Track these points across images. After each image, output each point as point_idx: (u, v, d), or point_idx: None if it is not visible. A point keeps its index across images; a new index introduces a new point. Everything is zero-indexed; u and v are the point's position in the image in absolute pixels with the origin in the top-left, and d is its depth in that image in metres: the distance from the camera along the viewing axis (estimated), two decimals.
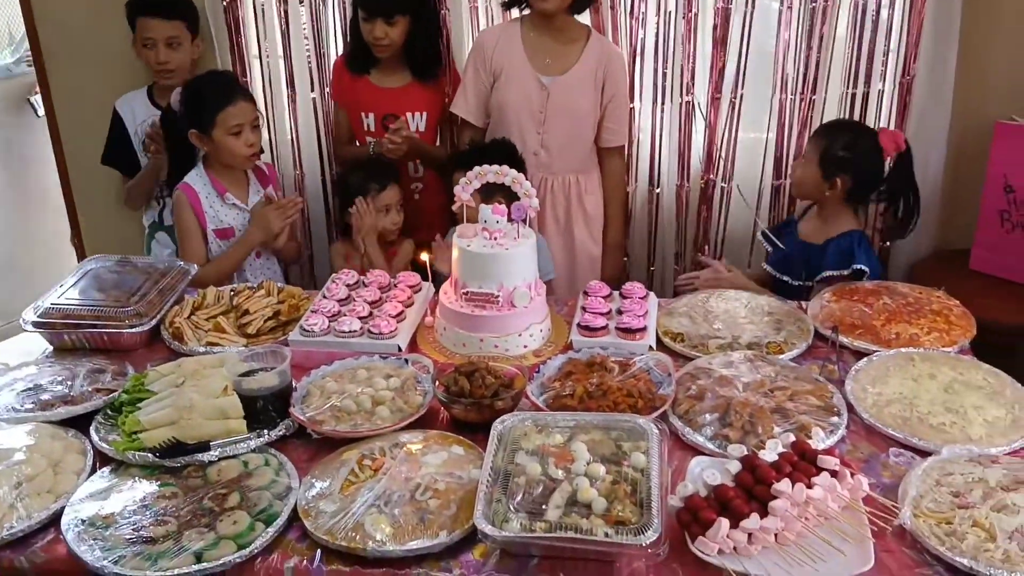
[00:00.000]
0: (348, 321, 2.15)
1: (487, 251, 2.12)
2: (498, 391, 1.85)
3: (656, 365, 1.97)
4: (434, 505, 1.56)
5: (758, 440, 1.68)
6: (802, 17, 2.92)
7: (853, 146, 2.56)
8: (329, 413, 1.83)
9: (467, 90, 2.92)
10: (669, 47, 3.01)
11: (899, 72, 2.96)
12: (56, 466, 1.71)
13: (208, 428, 1.76)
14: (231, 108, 2.63)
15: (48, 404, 1.89)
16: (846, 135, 2.60)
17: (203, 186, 2.73)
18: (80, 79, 3.31)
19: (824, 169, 2.56)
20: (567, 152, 2.91)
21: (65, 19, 3.26)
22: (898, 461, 1.70)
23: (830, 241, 2.57)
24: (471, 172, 2.20)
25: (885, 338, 2.08)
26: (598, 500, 1.49)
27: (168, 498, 1.62)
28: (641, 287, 2.29)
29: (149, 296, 2.30)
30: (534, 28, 2.85)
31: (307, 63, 3.16)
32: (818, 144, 2.59)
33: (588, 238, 3.00)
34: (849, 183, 2.55)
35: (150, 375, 1.98)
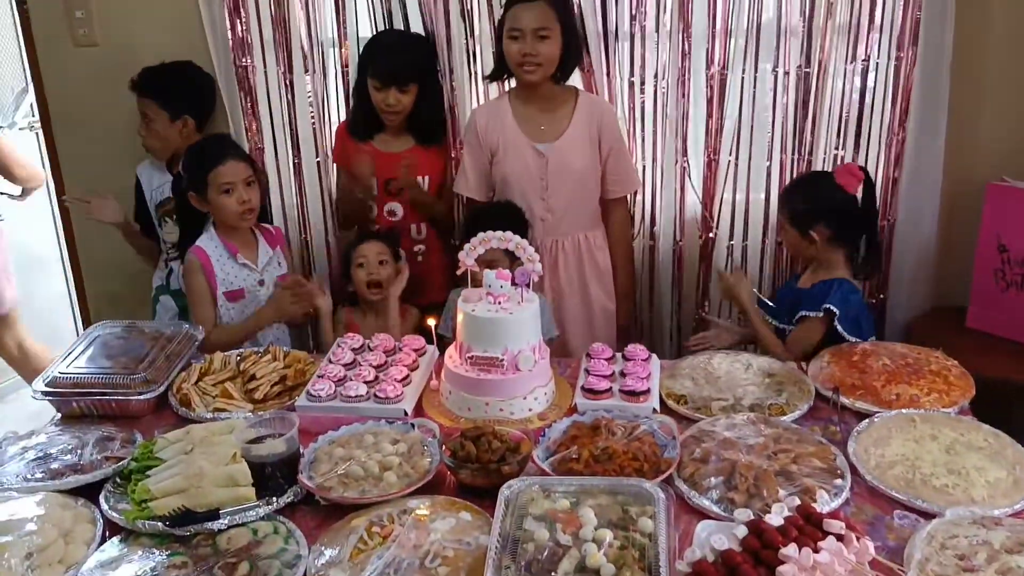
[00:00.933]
0: (354, 386, 2.17)
1: (491, 315, 2.15)
2: (504, 456, 1.87)
3: (660, 428, 1.99)
4: (444, 573, 1.56)
5: (763, 503, 1.70)
6: (797, 81, 3.00)
7: (812, 196, 2.63)
8: (337, 479, 1.85)
9: (467, 169, 2.98)
10: (665, 111, 3.07)
11: (890, 134, 3.03)
12: (67, 536, 1.71)
13: (218, 496, 1.77)
14: (221, 167, 2.69)
15: (58, 473, 1.91)
16: (801, 189, 2.71)
17: (214, 248, 2.77)
18: (88, 148, 3.37)
19: (799, 229, 2.61)
20: (573, 212, 2.96)
21: (73, 86, 3.33)
22: (902, 523, 1.71)
23: (815, 285, 2.61)
24: (475, 238, 2.25)
25: (886, 399, 2.10)
26: (607, 566, 1.50)
27: (178, 567, 1.63)
28: (644, 349, 2.32)
29: (157, 363, 2.33)
30: (522, 100, 2.92)
31: (311, 130, 3.22)
32: (783, 209, 2.68)
33: (602, 293, 3.03)
34: (827, 230, 2.57)
35: (159, 442, 2.00)
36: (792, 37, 2.96)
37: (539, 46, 2.73)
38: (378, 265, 2.84)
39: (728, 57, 3.00)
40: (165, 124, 3.10)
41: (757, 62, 3.00)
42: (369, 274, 2.83)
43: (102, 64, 3.27)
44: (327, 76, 3.20)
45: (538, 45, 2.73)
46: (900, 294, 3.19)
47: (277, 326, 2.84)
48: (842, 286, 2.55)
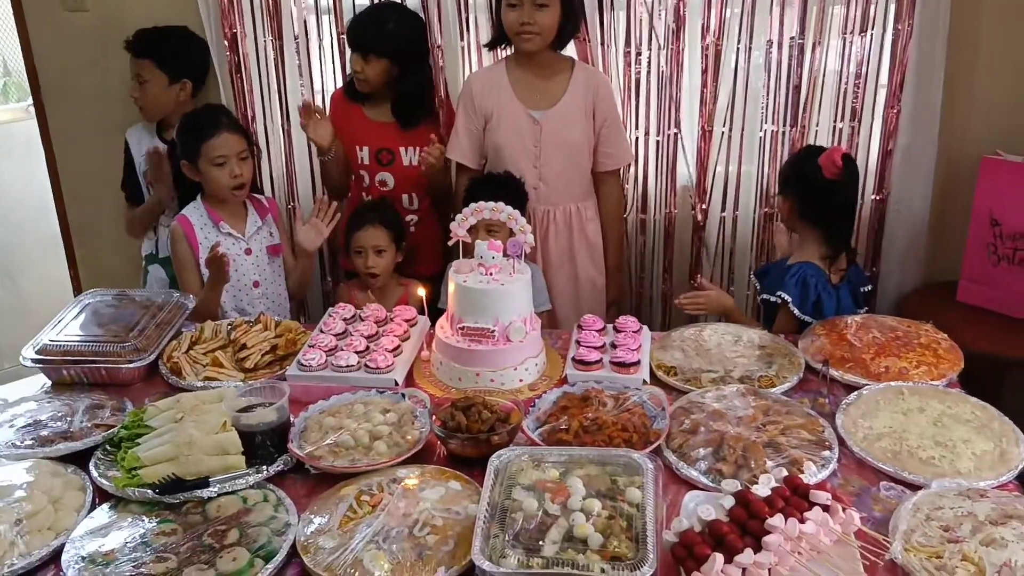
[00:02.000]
0: (345, 356, 2.17)
1: (483, 286, 2.15)
2: (494, 426, 1.87)
3: (650, 399, 1.99)
4: (432, 541, 1.57)
5: (751, 474, 1.71)
6: (792, 53, 2.98)
7: (797, 166, 2.66)
8: (327, 448, 1.85)
9: (460, 135, 2.96)
10: (660, 81, 3.06)
11: (885, 107, 3.02)
12: (56, 502, 1.72)
13: (207, 464, 1.77)
14: (215, 140, 2.69)
15: (48, 440, 1.91)
16: (797, 156, 2.74)
17: (199, 217, 2.77)
18: (78, 114, 3.35)
19: (779, 190, 2.70)
20: (565, 182, 2.95)
21: (64, 55, 3.31)
22: (889, 495, 1.72)
23: (780, 265, 2.64)
24: (467, 209, 2.24)
25: (875, 372, 2.11)
26: (594, 535, 1.51)
27: (168, 535, 1.63)
28: (635, 321, 2.33)
29: (147, 331, 2.32)
30: (519, 66, 2.90)
31: (301, 97, 3.20)
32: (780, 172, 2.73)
33: (591, 266, 3.03)
34: (792, 202, 2.61)
35: (149, 411, 2.00)
36: (788, 8, 2.94)
37: (537, 15, 2.71)
38: (375, 255, 2.83)
39: (724, 28, 2.98)
40: (162, 86, 3.08)
41: (752, 33, 2.99)
42: (367, 266, 2.83)
43: (92, 29, 3.24)
44: (322, 44, 3.16)
45: (536, 14, 2.71)
46: (892, 268, 3.19)
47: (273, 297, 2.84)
48: (802, 270, 2.54)
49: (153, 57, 3.05)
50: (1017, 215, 2.87)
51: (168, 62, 3.07)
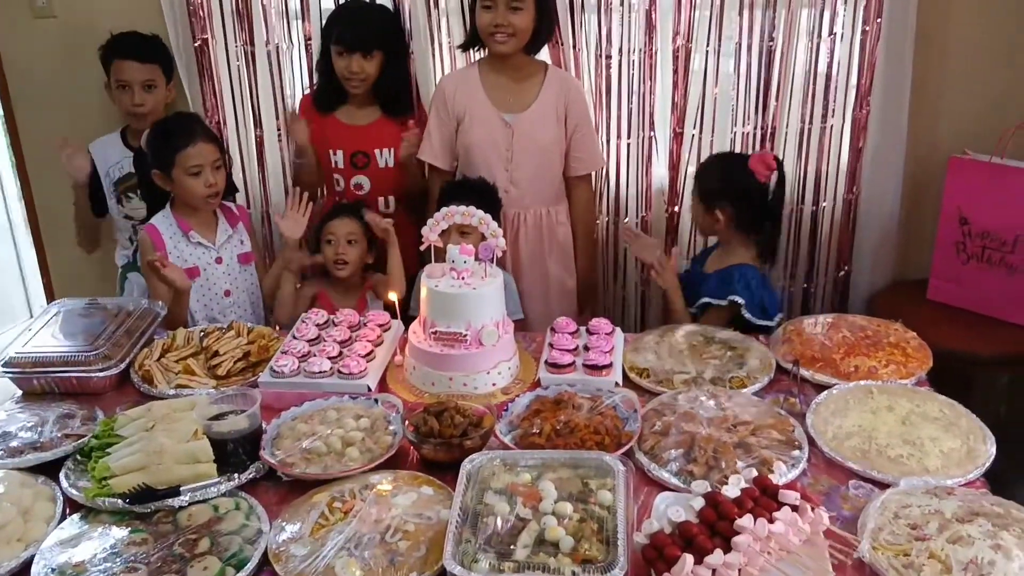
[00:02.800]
0: (318, 362, 2.17)
1: (455, 291, 2.15)
2: (467, 430, 1.88)
3: (622, 402, 2.00)
4: (404, 547, 1.57)
5: (722, 475, 1.72)
6: (761, 54, 3.00)
7: (726, 176, 2.66)
8: (299, 455, 1.85)
9: (432, 136, 2.96)
10: (632, 84, 3.07)
11: (854, 108, 3.05)
12: (26, 513, 1.71)
13: (178, 472, 1.77)
14: (190, 149, 2.65)
15: (17, 451, 1.89)
16: (718, 166, 2.72)
17: (168, 226, 2.74)
18: (49, 121, 3.32)
19: (705, 204, 2.65)
20: (536, 186, 2.96)
21: (34, 63, 3.28)
22: (857, 493, 1.74)
23: (718, 271, 2.64)
24: (438, 213, 2.25)
25: (844, 371, 2.13)
26: (565, 539, 1.51)
27: (139, 544, 1.62)
28: (608, 323, 2.33)
29: (115, 338, 2.30)
30: (492, 69, 2.91)
31: (272, 104, 3.19)
32: (697, 181, 2.69)
33: (562, 270, 3.04)
34: (730, 212, 2.62)
35: (120, 420, 1.99)
36: (756, 10, 2.97)
37: (511, 17, 2.72)
38: (347, 244, 2.81)
39: (693, 31, 3.00)
40: (162, 91, 3.08)
41: (721, 35, 3.01)
42: (337, 253, 2.80)
43: (61, 36, 3.22)
44: (291, 49, 3.16)
45: (510, 16, 2.72)
46: (863, 267, 3.23)
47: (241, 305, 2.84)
48: (744, 273, 2.57)
49: (159, 61, 3.05)
50: (985, 214, 2.91)
51: (167, 67, 3.08)
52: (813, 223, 3.22)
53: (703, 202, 2.66)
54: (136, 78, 3.02)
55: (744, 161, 2.62)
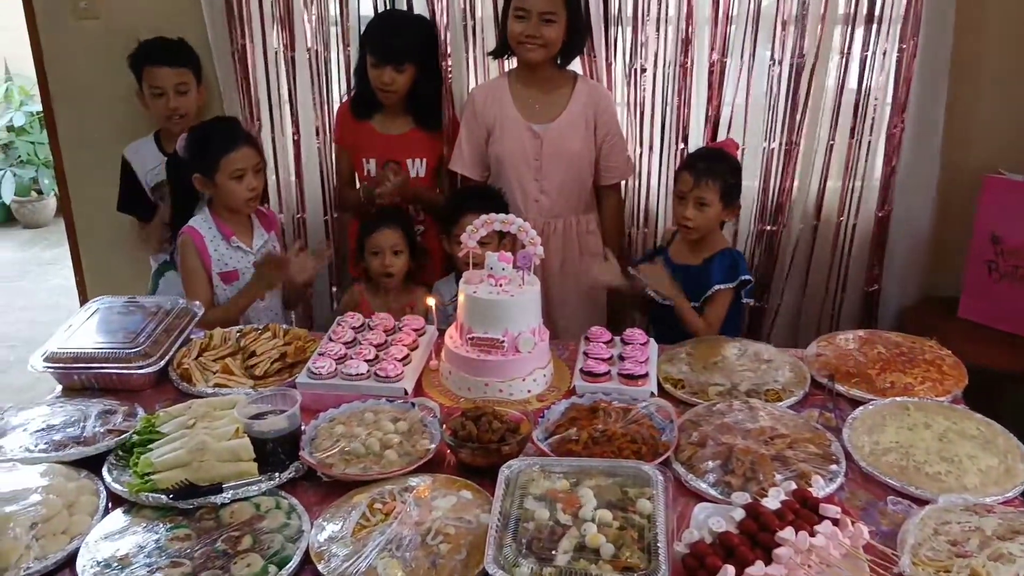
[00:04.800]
0: (355, 364, 2.19)
1: (493, 297, 2.16)
2: (504, 436, 1.89)
3: (658, 411, 2.01)
4: (445, 550, 1.59)
5: (760, 487, 1.73)
6: (793, 69, 3.01)
7: (734, 170, 2.70)
8: (338, 456, 1.87)
9: (463, 146, 2.99)
10: (665, 97, 3.09)
11: (888, 125, 3.05)
12: (70, 507, 1.73)
13: (220, 470, 1.79)
14: (234, 154, 2.68)
15: (61, 445, 1.91)
16: (725, 163, 2.70)
17: (208, 229, 2.77)
18: (86, 123, 3.37)
19: (725, 202, 2.67)
20: (566, 195, 2.98)
21: (74, 64, 3.33)
22: (896, 509, 1.74)
23: (711, 259, 2.68)
24: (478, 220, 2.26)
25: (880, 387, 2.13)
26: (606, 546, 1.52)
27: (182, 540, 1.64)
28: (642, 333, 2.34)
29: (155, 336, 2.33)
30: (521, 80, 2.94)
31: (312, 108, 3.22)
32: (713, 184, 2.63)
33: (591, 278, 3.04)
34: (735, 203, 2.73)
35: (161, 416, 2.01)
36: (790, 25, 2.98)
37: (543, 28, 2.74)
38: (392, 255, 2.85)
39: (728, 45, 3.02)
40: (195, 93, 3.11)
41: (755, 49, 3.02)
42: (384, 265, 2.85)
43: (102, 37, 3.26)
44: (328, 54, 3.19)
45: (542, 27, 2.74)
46: (893, 283, 3.23)
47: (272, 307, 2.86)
48: (740, 255, 2.72)
49: (191, 66, 3.08)
50: (1018, 233, 2.91)
51: (199, 69, 3.11)
52: (842, 239, 3.22)
53: (723, 199, 2.65)
54: (169, 83, 3.05)
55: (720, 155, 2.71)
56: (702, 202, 2.63)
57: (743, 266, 2.66)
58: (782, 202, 3.17)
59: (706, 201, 2.63)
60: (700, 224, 2.66)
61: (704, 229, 2.69)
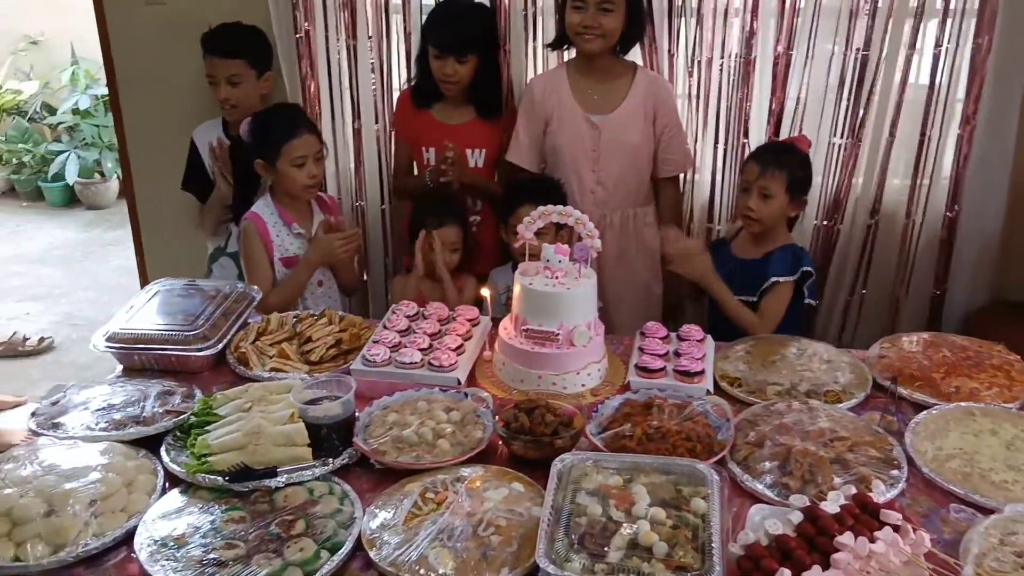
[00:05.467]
0: (409, 353, 2.19)
1: (549, 290, 2.15)
2: (558, 429, 1.88)
3: (714, 409, 1.98)
4: (496, 541, 1.58)
5: (818, 490, 1.69)
6: (859, 64, 2.94)
7: (804, 164, 2.66)
8: (391, 444, 1.87)
9: (520, 137, 2.98)
10: (728, 90, 3.04)
11: (960, 122, 2.96)
12: (129, 485, 1.76)
13: (275, 454, 1.81)
14: (295, 140, 2.71)
15: (121, 424, 1.95)
16: (794, 156, 2.66)
17: (270, 215, 2.80)
18: (151, 108, 3.41)
19: (791, 194, 2.62)
20: (623, 187, 2.95)
21: (140, 49, 3.37)
22: (959, 517, 1.69)
23: (772, 253, 2.64)
24: (535, 211, 2.25)
25: (945, 391, 2.08)
26: (659, 544, 1.50)
27: (237, 522, 1.67)
28: (699, 329, 2.31)
29: (213, 319, 2.36)
30: (579, 70, 2.91)
31: (372, 96, 3.23)
32: (780, 175, 2.59)
33: (648, 272, 3.03)
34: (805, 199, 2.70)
35: (218, 399, 2.04)
36: (858, 18, 2.91)
37: (601, 18, 2.71)
38: (451, 253, 2.86)
39: (794, 38, 2.95)
40: (252, 84, 3.11)
41: (817, 42, 2.95)
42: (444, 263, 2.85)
43: (169, 23, 3.30)
44: (390, 43, 3.19)
45: (600, 17, 2.71)
46: (960, 285, 3.14)
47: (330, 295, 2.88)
48: (804, 251, 2.69)
49: (246, 56, 3.08)
50: None
51: (257, 59, 3.11)
52: (908, 238, 3.14)
53: (790, 192, 2.61)
54: (221, 74, 3.07)
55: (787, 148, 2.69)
56: (766, 193, 2.59)
57: (806, 259, 2.61)
58: (845, 199, 3.10)
59: (771, 192, 2.59)
60: (763, 215, 2.62)
61: (767, 221, 2.63)
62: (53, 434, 1.92)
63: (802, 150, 2.69)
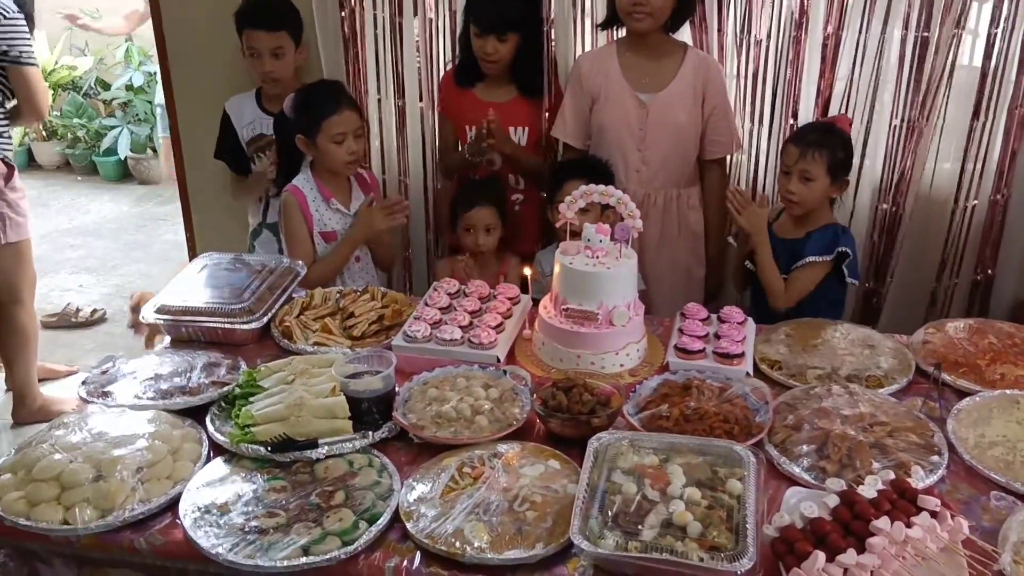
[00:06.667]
0: (449, 330, 2.21)
1: (589, 269, 2.15)
2: (595, 408, 1.89)
3: (753, 392, 1.98)
4: (531, 517, 1.60)
5: (856, 474, 1.68)
6: (909, 45, 2.89)
7: (844, 144, 2.62)
8: (430, 419, 1.90)
9: (566, 114, 2.97)
10: (777, 70, 3.00)
11: (1010, 106, 2.90)
12: (175, 453, 1.80)
13: (316, 426, 1.84)
14: (336, 117, 2.73)
15: (168, 393, 2.00)
16: (836, 137, 2.62)
17: (310, 190, 2.83)
18: (201, 85, 3.45)
19: (832, 176, 2.59)
20: (668, 167, 2.93)
21: (190, 24, 3.41)
22: (999, 505, 1.68)
23: (812, 233, 2.62)
24: (576, 191, 2.25)
25: (989, 379, 2.05)
26: (693, 524, 1.52)
27: (278, 491, 1.70)
28: (740, 312, 2.30)
29: (259, 292, 2.40)
30: (629, 48, 2.89)
31: (417, 74, 3.24)
32: (820, 157, 2.55)
33: (690, 254, 3.02)
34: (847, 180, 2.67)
35: (262, 371, 2.08)
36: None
37: None
38: (485, 233, 2.88)
39: (845, 18, 2.90)
40: (293, 55, 3.13)
41: (870, 23, 2.90)
42: (477, 243, 2.88)
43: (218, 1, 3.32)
44: (437, 21, 3.20)
45: None
46: (1008, 272, 3.08)
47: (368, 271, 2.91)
48: (845, 231, 2.65)
49: (288, 28, 3.09)
50: None
51: (296, 31, 3.12)
52: (956, 223, 3.08)
53: (831, 173, 2.58)
54: (265, 46, 3.07)
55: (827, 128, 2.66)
56: (807, 176, 2.56)
57: (844, 240, 2.57)
58: (896, 182, 3.05)
59: (811, 175, 2.56)
60: (805, 198, 2.59)
61: (809, 204, 2.61)
62: (102, 402, 1.98)
63: (843, 130, 2.65)
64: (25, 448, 1.80)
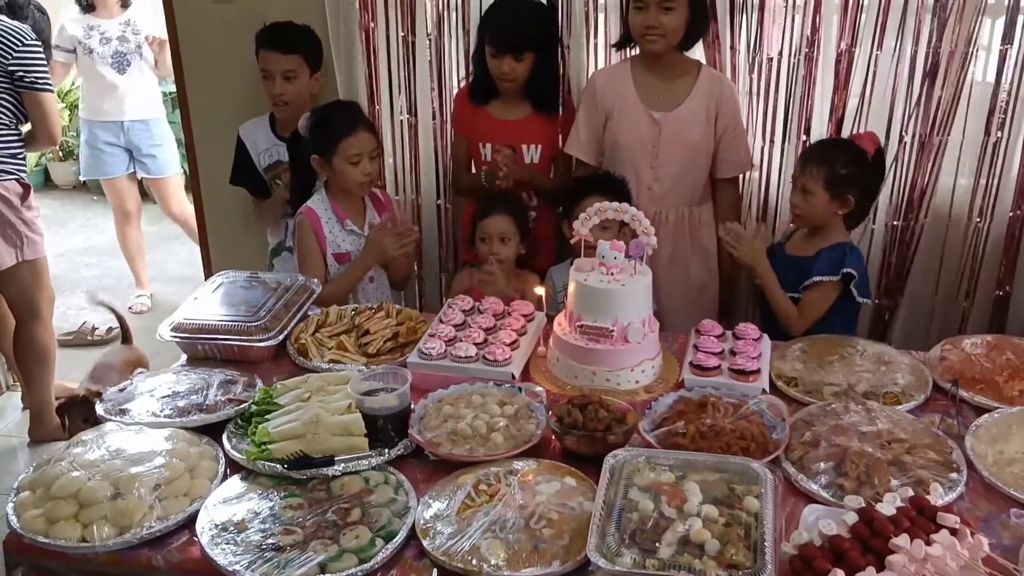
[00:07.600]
0: (464, 347, 2.21)
1: (603, 286, 2.16)
2: (611, 425, 1.89)
3: (769, 408, 1.97)
4: (548, 534, 1.60)
5: (874, 492, 1.67)
6: (918, 62, 2.89)
7: (851, 161, 2.59)
8: (445, 436, 1.90)
9: (580, 130, 2.98)
10: (790, 87, 3.01)
11: None
12: (192, 471, 1.81)
13: (332, 443, 1.84)
14: (352, 138, 2.74)
15: (184, 411, 2.01)
16: (841, 152, 2.62)
17: (324, 211, 2.84)
18: (217, 106, 3.48)
19: (832, 192, 2.58)
20: (681, 185, 2.94)
21: (206, 45, 3.44)
22: (1019, 522, 1.67)
23: (822, 251, 2.61)
24: (590, 208, 2.25)
25: (1007, 395, 2.04)
26: (711, 541, 1.51)
27: (295, 508, 1.71)
28: (755, 328, 2.30)
29: (275, 310, 2.41)
30: (643, 66, 2.91)
31: (429, 92, 3.26)
32: (818, 171, 2.57)
33: (703, 272, 3.02)
34: (856, 198, 2.60)
35: (278, 388, 2.08)
36: (921, 16, 2.85)
37: (663, 17, 2.70)
38: (500, 243, 2.87)
39: (858, 35, 2.91)
40: (305, 81, 3.14)
41: (883, 40, 2.90)
42: (492, 251, 2.86)
43: (235, 21, 3.35)
44: (450, 39, 3.22)
45: (661, 16, 2.70)
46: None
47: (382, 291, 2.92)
48: (853, 250, 2.62)
49: (303, 53, 3.11)
50: None
51: (312, 57, 3.14)
52: (972, 240, 3.07)
53: (830, 189, 2.57)
54: (277, 68, 3.09)
55: (855, 145, 2.63)
56: (806, 189, 2.59)
57: (851, 260, 2.57)
58: (910, 198, 3.04)
59: (809, 189, 2.58)
60: (804, 212, 2.63)
61: (810, 217, 2.64)
62: (120, 420, 1.99)
63: (860, 147, 2.63)
64: (43, 466, 1.81)
